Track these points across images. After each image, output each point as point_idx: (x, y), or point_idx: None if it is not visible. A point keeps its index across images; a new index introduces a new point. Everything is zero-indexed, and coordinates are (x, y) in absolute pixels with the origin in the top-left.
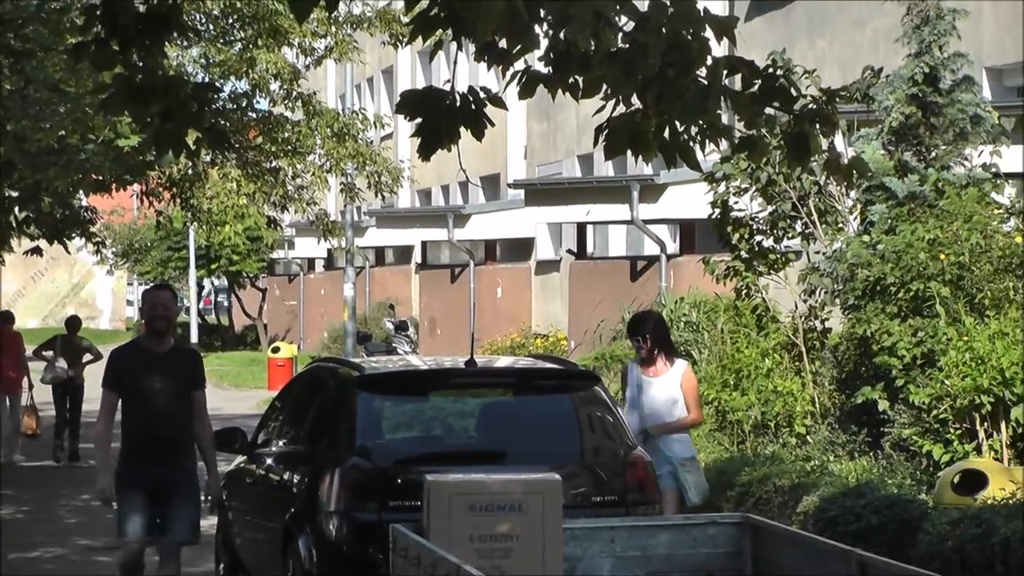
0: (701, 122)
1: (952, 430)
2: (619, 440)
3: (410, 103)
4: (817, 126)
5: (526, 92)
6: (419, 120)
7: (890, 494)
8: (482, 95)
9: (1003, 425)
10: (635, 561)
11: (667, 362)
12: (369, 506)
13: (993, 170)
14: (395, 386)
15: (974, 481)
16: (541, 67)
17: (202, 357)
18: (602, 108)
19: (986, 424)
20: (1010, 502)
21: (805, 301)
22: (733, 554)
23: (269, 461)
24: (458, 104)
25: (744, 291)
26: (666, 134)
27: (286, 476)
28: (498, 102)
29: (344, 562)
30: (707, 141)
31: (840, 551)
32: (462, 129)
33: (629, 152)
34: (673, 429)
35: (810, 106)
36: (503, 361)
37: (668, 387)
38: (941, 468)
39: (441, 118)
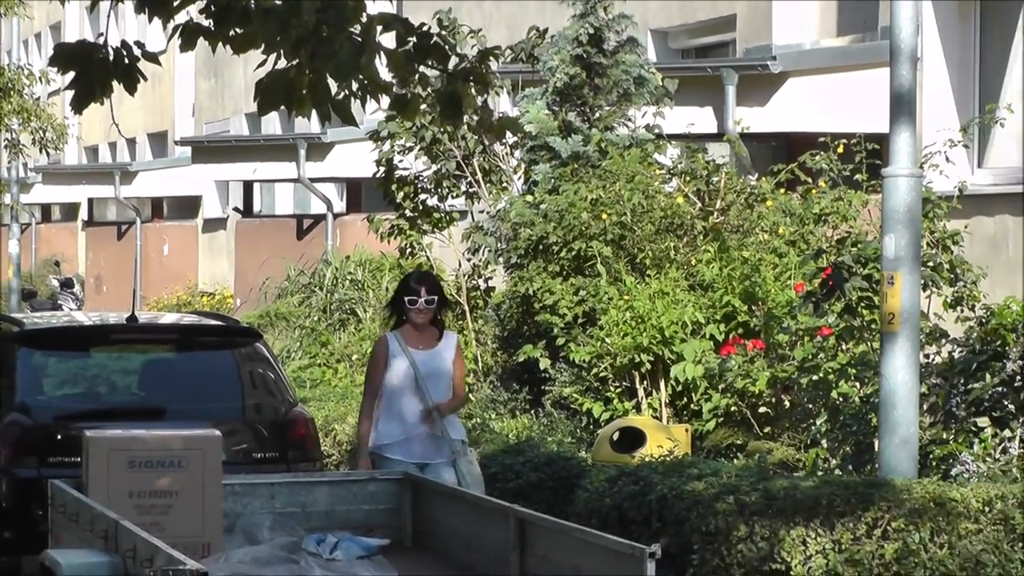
0: (362, 77)
1: (612, 388)
2: (280, 397)
3: (63, 56)
4: (472, 85)
5: (187, 45)
6: (73, 73)
7: (550, 452)
8: (136, 50)
9: (662, 383)
10: (295, 517)
11: (438, 333)
12: (29, 462)
13: (656, 131)
14: (56, 342)
15: (632, 439)
16: (203, 20)
17: None
18: (263, 63)
19: (645, 382)
20: (667, 459)
21: (469, 260)
22: (393, 511)
23: None
24: (111, 58)
25: (408, 249)
26: (322, 90)
27: None
28: (151, 57)
29: (3, 519)
30: (367, 97)
31: (499, 508)
32: (132, 86)
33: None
34: (455, 408)
35: (463, 65)
36: (166, 318)
37: (445, 362)
38: (601, 426)
39: (94, 72)
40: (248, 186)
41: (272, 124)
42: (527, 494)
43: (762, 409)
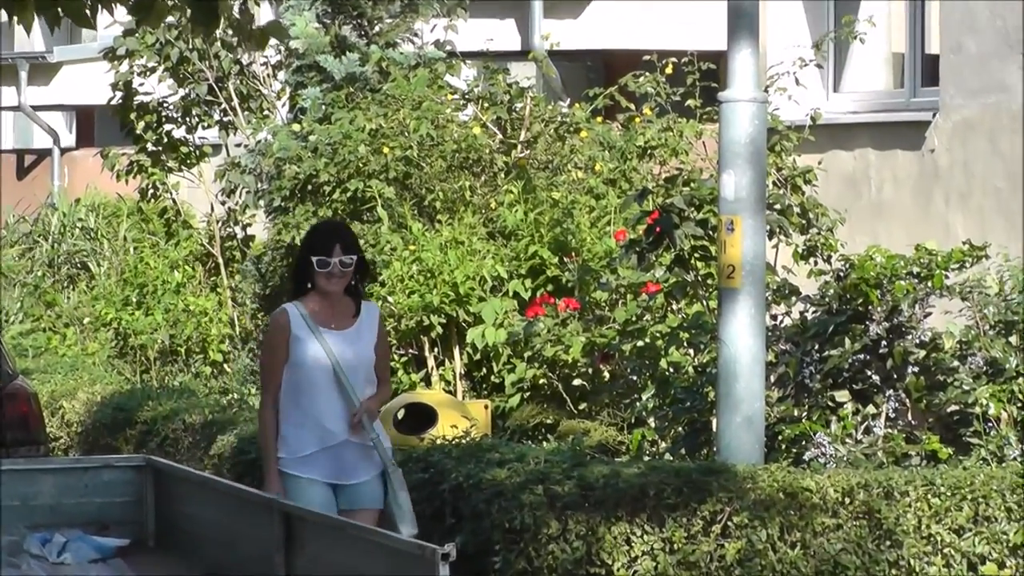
0: None
1: (396, 357)
2: None
3: None
4: None
5: None
6: None
7: None
8: None
9: (457, 351)
10: (15, 512)
11: (355, 306)
12: None
13: (447, 48)
14: None
15: (420, 417)
16: None
17: None
18: None
19: (436, 350)
20: (462, 441)
21: (223, 203)
22: (133, 503)
23: None
24: None
25: (151, 191)
26: None
27: None
28: None
29: None
30: (99, 3)
31: (262, 500)
32: None
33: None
34: (384, 403)
35: None
36: None
37: (368, 345)
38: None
39: None
40: None
41: None
42: None
43: (577, 382)
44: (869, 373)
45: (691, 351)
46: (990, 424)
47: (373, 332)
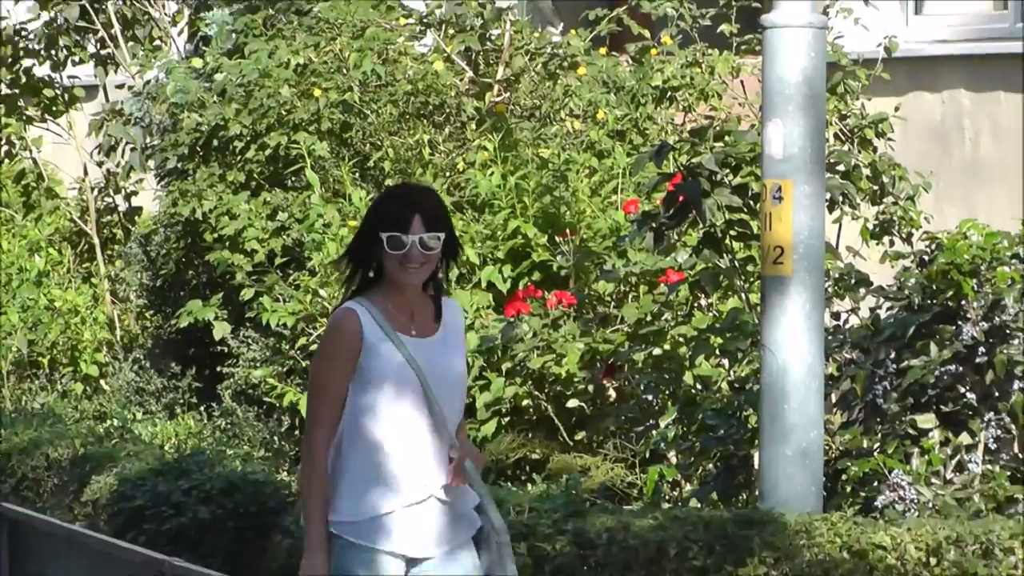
0: None
1: None
2: None
3: None
4: None
5: None
6: None
7: (230, 472)
8: None
9: None
10: None
11: (434, 304)
12: None
13: None
14: None
15: None
16: None
17: None
18: None
19: None
20: None
21: (100, 164)
22: None
23: None
24: None
25: (5, 148)
26: None
27: None
28: None
29: None
30: None
31: (147, 560)
32: None
33: None
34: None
35: None
36: None
37: (455, 357)
38: None
39: None
40: None
41: None
42: (194, 539)
43: (572, 403)
44: (962, 390)
45: (725, 361)
46: None
47: (461, 341)
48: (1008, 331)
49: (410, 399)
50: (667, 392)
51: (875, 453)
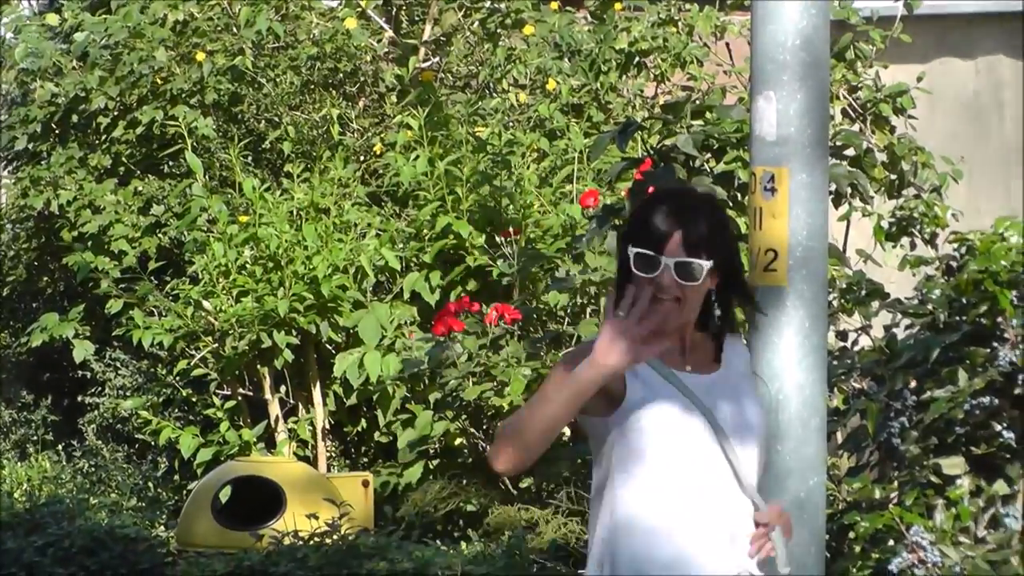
0: None
1: (216, 400)
2: None
3: None
4: None
5: None
6: None
7: (95, 526)
8: None
9: (317, 391)
10: None
11: (712, 340)
12: None
13: None
14: None
15: (259, 500)
16: None
17: None
18: None
19: (284, 389)
20: (326, 541)
21: None
22: None
23: None
24: None
25: None
26: None
27: None
28: None
29: None
30: None
31: None
32: None
33: None
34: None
35: None
36: None
37: (745, 400)
38: (197, 474)
39: None
40: None
41: None
42: None
43: None
44: (997, 428)
45: None
46: None
47: (749, 384)
48: None
49: (696, 452)
50: None
51: (890, 505)
